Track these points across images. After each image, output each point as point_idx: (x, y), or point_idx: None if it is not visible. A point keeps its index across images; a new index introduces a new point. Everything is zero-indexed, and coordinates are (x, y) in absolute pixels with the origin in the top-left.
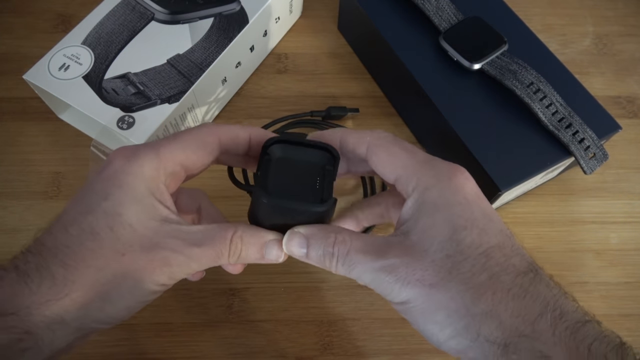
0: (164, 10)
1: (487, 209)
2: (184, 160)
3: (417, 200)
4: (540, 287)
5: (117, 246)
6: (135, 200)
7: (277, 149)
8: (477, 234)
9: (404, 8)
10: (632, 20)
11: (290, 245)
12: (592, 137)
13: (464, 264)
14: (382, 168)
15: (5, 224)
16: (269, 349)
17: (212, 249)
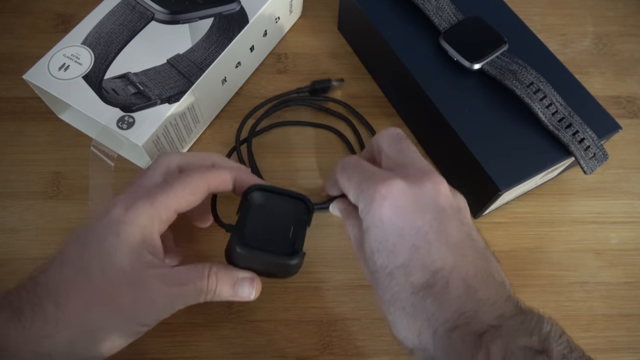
0: (164, 10)
1: (400, 226)
2: (177, 207)
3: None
4: (426, 303)
5: (107, 288)
6: (128, 248)
7: (257, 196)
8: (385, 255)
9: (404, 8)
10: (632, 20)
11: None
12: (592, 137)
13: (378, 282)
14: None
15: (5, 224)
16: (269, 349)
17: (192, 287)
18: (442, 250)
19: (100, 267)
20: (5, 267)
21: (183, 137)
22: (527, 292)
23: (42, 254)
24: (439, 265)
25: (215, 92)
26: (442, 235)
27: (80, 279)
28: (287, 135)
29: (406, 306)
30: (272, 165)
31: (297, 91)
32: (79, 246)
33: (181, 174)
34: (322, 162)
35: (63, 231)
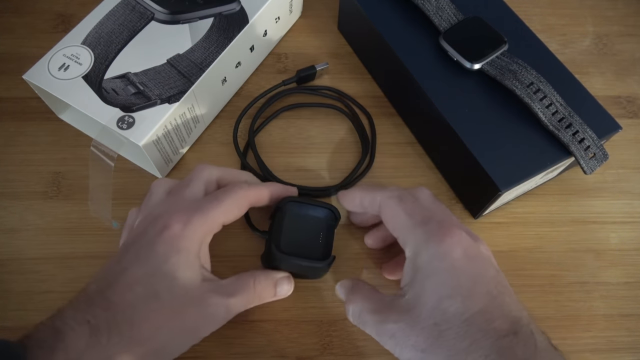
0: (164, 10)
1: (475, 272)
2: (225, 220)
3: (411, 265)
4: (516, 349)
5: (175, 307)
6: (189, 265)
7: (290, 207)
8: (460, 301)
9: (404, 8)
10: (632, 20)
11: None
12: (592, 137)
13: (448, 332)
14: (388, 226)
15: (5, 224)
16: (269, 349)
17: (243, 297)
18: (514, 302)
19: (167, 287)
20: (5, 267)
21: (183, 137)
22: (527, 292)
23: (42, 254)
24: (517, 314)
25: (215, 92)
26: (507, 288)
27: (152, 300)
28: (286, 129)
29: (490, 353)
30: (276, 162)
31: (284, 83)
32: (144, 265)
33: (227, 190)
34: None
35: (63, 231)
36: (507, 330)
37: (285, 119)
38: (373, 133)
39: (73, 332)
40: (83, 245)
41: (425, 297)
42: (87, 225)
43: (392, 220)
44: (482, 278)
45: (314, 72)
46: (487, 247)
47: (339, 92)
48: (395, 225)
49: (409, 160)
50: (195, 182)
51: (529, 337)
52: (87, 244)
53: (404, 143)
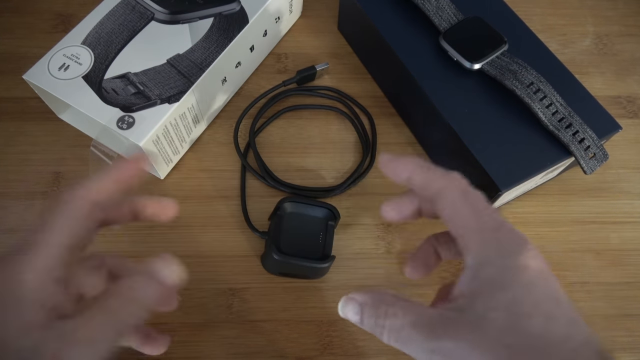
0: (164, 10)
1: (554, 292)
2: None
3: (475, 275)
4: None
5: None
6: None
7: (288, 207)
8: (541, 322)
9: (403, 8)
10: (632, 20)
11: (346, 311)
12: (592, 137)
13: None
14: (446, 221)
15: (5, 223)
16: (269, 349)
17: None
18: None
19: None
20: None
21: (183, 137)
22: None
23: None
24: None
25: (215, 92)
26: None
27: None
28: (286, 129)
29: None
30: (276, 163)
31: (284, 83)
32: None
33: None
34: (324, 155)
35: None
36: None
37: (285, 119)
38: (374, 133)
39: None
40: None
41: (496, 314)
42: None
43: (455, 218)
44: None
45: (314, 72)
46: None
47: (339, 93)
48: (458, 224)
49: None
50: None
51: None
52: None
53: (404, 143)
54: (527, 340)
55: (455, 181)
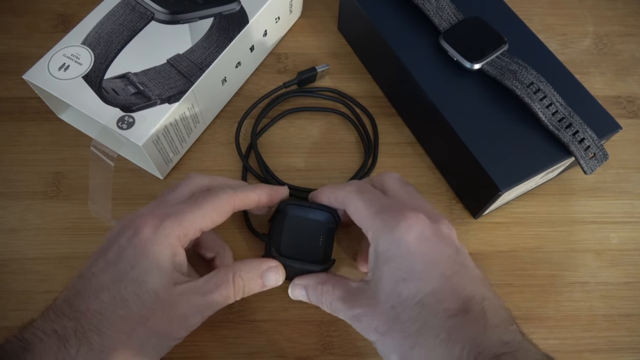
0: (164, 10)
1: (429, 254)
2: (203, 226)
3: (373, 251)
4: (465, 327)
5: (143, 312)
6: (159, 269)
7: (289, 210)
8: (413, 285)
9: (403, 8)
10: (632, 20)
11: (295, 294)
12: (592, 137)
13: (403, 314)
14: (353, 219)
15: (5, 224)
16: (269, 349)
17: (220, 294)
18: (470, 280)
19: (134, 292)
20: (5, 267)
21: (183, 137)
22: (527, 292)
23: (42, 254)
24: (470, 293)
25: (215, 92)
26: (464, 268)
27: (119, 306)
28: (286, 129)
29: (440, 333)
30: (276, 163)
31: (285, 85)
32: (112, 271)
33: (208, 194)
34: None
35: (63, 231)
36: (456, 310)
37: (285, 119)
38: (375, 135)
39: (41, 344)
40: (83, 245)
41: (384, 282)
42: (87, 225)
43: (355, 213)
44: (437, 259)
45: (314, 73)
46: (449, 226)
47: (340, 94)
48: (357, 217)
49: (409, 160)
50: (182, 187)
51: (479, 315)
52: (87, 244)
53: (404, 143)
54: (403, 301)
55: (352, 186)
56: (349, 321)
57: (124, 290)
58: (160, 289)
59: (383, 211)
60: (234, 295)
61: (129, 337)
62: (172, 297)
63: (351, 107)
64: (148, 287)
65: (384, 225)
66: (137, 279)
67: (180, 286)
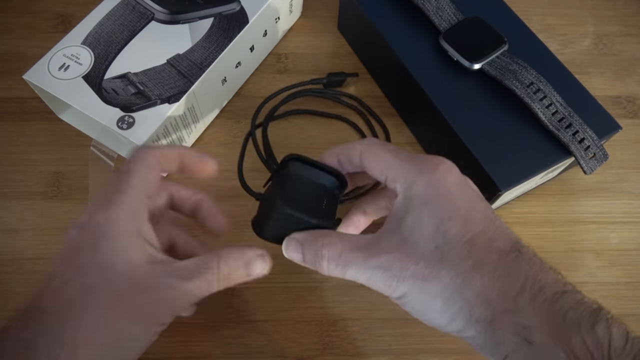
0: (164, 10)
1: (470, 197)
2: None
3: (404, 197)
4: (522, 264)
5: (117, 300)
6: (125, 247)
7: (294, 166)
8: (461, 223)
9: (403, 8)
10: (632, 20)
11: (289, 251)
12: (592, 137)
13: (451, 253)
14: (374, 170)
15: (5, 224)
16: (269, 349)
17: (203, 280)
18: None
19: (102, 279)
20: (5, 267)
21: (183, 137)
22: None
23: (42, 254)
24: (515, 237)
25: (215, 92)
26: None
27: (87, 295)
28: (301, 127)
29: (497, 269)
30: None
31: (312, 82)
32: (74, 261)
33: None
34: None
35: (63, 231)
36: (510, 249)
37: (285, 119)
38: None
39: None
40: None
41: (423, 223)
42: None
43: (378, 163)
44: (479, 202)
45: (343, 78)
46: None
47: (360, 102)
48: (382, 167)
49: None
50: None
51: (532, 255)
52: None
53: (404, 143)
54: (450, 239)
55: (371, 139)
56: (366, 277)
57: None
58: (131, 269)
59: (413, 158)
60: (217, 282)
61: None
62: (149, 278)
63: (367, 118)
64: (117, 270)
65: (420, 168)
66: (103, 263)
67: (157, 266)
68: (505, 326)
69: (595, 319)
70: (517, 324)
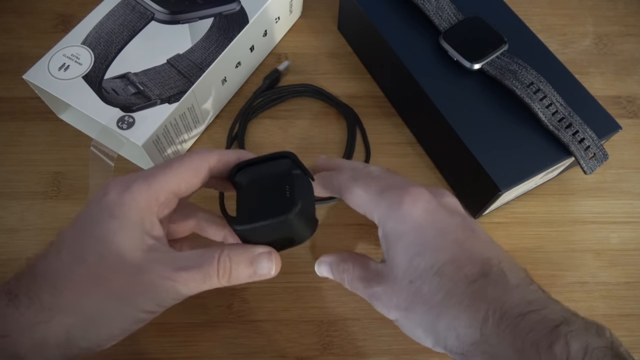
0: (164, 10)
1: (440, 222)
2: (175, 188)
3: (382, 234)
4: (488, 290)
5: (105, 272)
6: (126, 230)
7: (241, 176)
8: (429, 256)
9: (403, 8)
10: (632, 20)
11: (321, 270)
12: (592, 137)
13: (423, 287)
14: (354, 207)
15: (5, 224)
16: (269, 349)
17: (199, 271)
18: (482, 244)
19: (96, 251)
20: (5, 267)
21: (183, 137)
22: None
23: None
24: (486, 256)
25: (215, 92)
26: (475, 233)
27: (77, 264)
28: (286, 129)
29: (463, 300)
30: None
31: (255, 94)
32: (75, 231)
33: (182, 155)
34: None
35: None
36: (477, 275)
37: (285, 119)
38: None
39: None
40: None
41: (398, 259)
42: None
43: (354, 201)
44: (447, 228)
45: (277, 74)
46: (451, 195)
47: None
48: (358, 204)
49: (408, 160)
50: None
51: (499, 276)
52: None
53: (404, 143)
54: (421, 274)
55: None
56: (369, 300)
57: (85, 249)
58: (127, 252)
59: (383, 191)
60: (217, 277)
61: (84, 298)
62: (141, 262)
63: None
64: (112, 248)
65: (389, 204)
66: (101, 238)
67: (152, 253)
68: (475, 356)
69: (553, 339)
70: (485, 352)
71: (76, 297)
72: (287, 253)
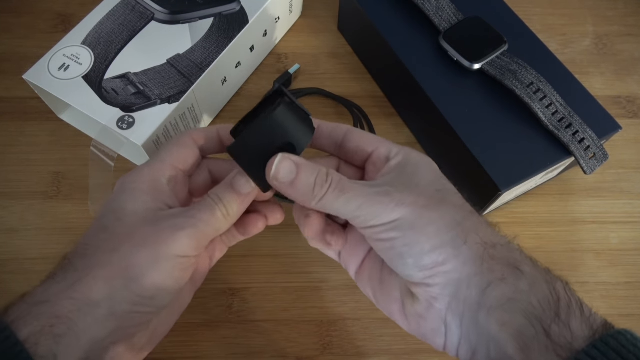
0: (164, 10)
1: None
2: (174, 161)
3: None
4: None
5: (125, 230)
6: (138, 198)
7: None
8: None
9: (404, 8)
10: (632, 20)
11: (279, 168)
12: (592, 137)
13: (452, 197)
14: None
15: (5, 224)
16: (269, 349)
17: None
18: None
19: (115, 217)
20: (5, 267)
21: None
22: None
23: (42, 254)
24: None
25: (215, 92)
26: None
27: (101, 231)
28: None
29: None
30: None
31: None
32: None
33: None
34: None
35: (63, 231)
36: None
37: None
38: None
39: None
40: None
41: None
42: (87, 225)
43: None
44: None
45: (289, 77)
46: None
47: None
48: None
49: None
50: None
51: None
52: None
53: (404, 143)
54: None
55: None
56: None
57: (105, 220)
58: (141, 210)
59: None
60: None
61: (113, 253)
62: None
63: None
64: (127, 211)
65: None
66: (117, 208)
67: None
68: (498, 258)
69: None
70: (510, 257)
71: (106, 255)
72: (287, 253)
